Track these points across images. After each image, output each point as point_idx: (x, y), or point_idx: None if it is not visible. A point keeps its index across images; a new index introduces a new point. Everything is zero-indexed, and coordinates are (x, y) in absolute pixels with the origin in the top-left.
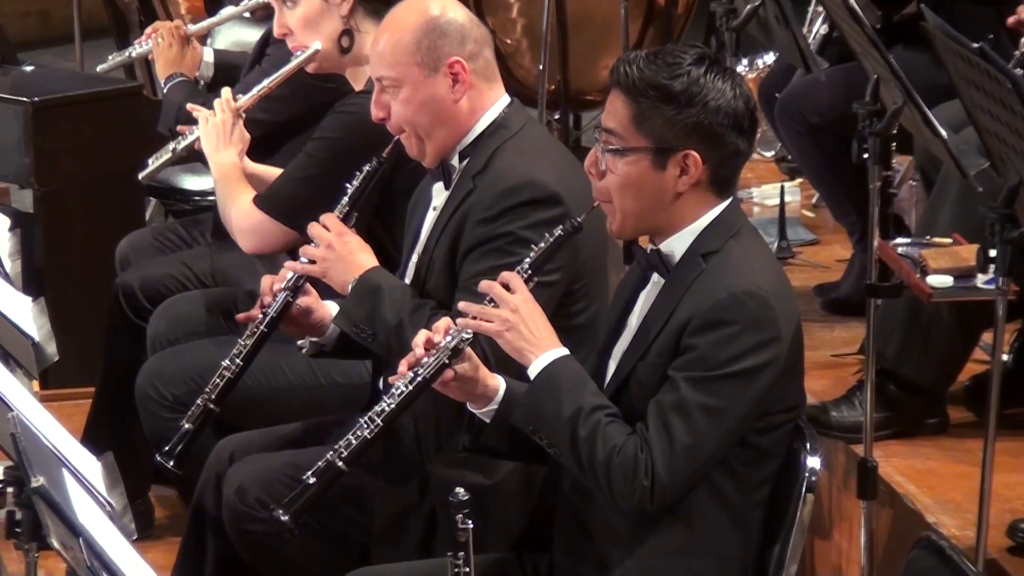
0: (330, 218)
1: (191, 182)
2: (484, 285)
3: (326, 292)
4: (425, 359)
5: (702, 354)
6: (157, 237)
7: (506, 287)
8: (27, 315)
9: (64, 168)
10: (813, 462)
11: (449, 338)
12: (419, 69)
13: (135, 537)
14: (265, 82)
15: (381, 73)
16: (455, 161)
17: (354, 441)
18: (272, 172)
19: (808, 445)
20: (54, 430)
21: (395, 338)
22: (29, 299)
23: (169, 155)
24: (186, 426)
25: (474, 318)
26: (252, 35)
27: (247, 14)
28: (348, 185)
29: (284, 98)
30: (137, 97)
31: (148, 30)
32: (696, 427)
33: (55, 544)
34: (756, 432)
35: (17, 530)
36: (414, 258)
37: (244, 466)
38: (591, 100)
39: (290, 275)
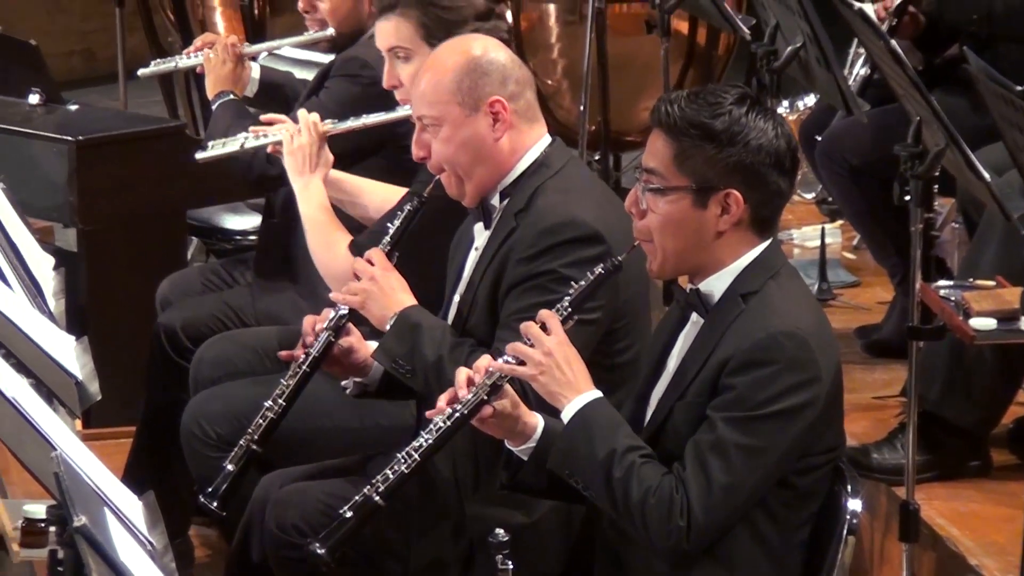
0: (375, 253)
1: (232, 222)
2: (522, 327)
3: (370, 333)
4: (464, 395)
5: (740, 394)
6: (199, 277)
7: (543, 327)
8: (70, 354)
9: (107, 207)
10: (854, 504)
11: (488, 375)
12: (460, 108)
13: None
14: (362, 119)
15: (422, 112)
16: (496, 201)
17: (391, 476)
18: (357, 183)
19: (849, 487)
20: (96, 469)
21: (434, 375)
22: (72, 338)
23: (236, 149)
24: (229, 467)
25: (509, 361)
26: (296, 75)
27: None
28: (389, 224)
29: (352, 145)
30: (180, 137)
31: (198, 42)
32: (734, 467)
33: None
34: (796, 473)
35: (59, 569)
36: (456, 298)
37: (287, 496)
38: (631, 141)
39: (332, 314)
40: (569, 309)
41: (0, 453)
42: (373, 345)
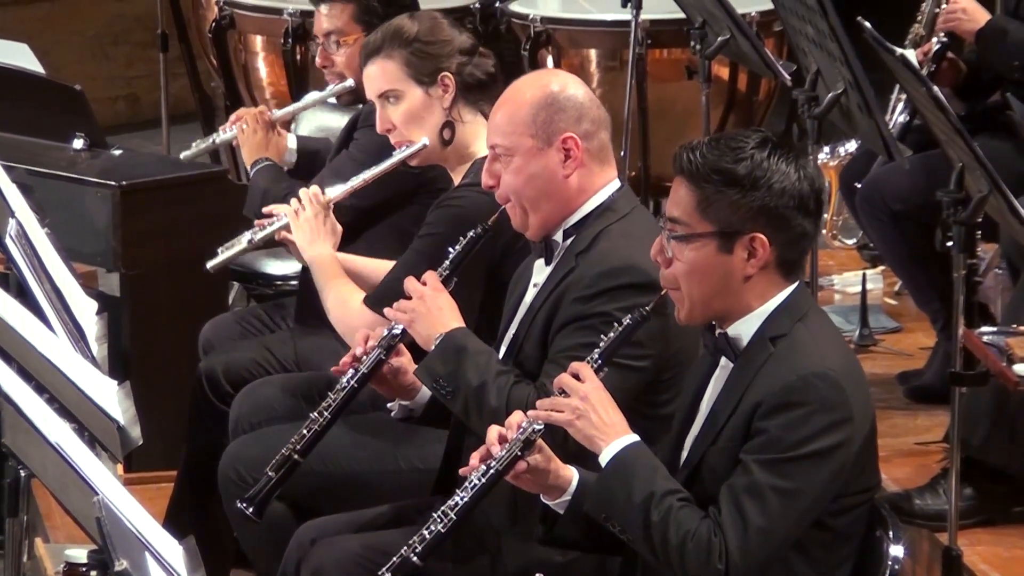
0: (430, 275)
1: (273, 267)
2: (556, 381)
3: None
4: (498, 451)
5: (773, 437)
6: (240, 321)
7: (576, 377)
8: (113, 399)
9: (150, 252)
10: (896, 550)
11: (521, 430)
12: (533, 140)
13: None
14: (361, 176)
15: (495, 141)
16: (559, 238)
17: (428, 536)
18: (363, 263)
19: (892, 533)
20: (138, 514)
21: (474, 400)
22: (115, 383)
23: (243, 246)
24: (269, 473)
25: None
26: (335, 120)
27: (332, 99)
28: (451, 249)
29: (372, 189)
30: (222, 182)
31: (232, 117)
32: (770, 510)
33: None
34: (831, 514)
35: None
36: (511, 331)
37: (323, 548)
38: (669, 186)
39: (385, 332)
40: (599, 361)
41: (43, 498)
42: None
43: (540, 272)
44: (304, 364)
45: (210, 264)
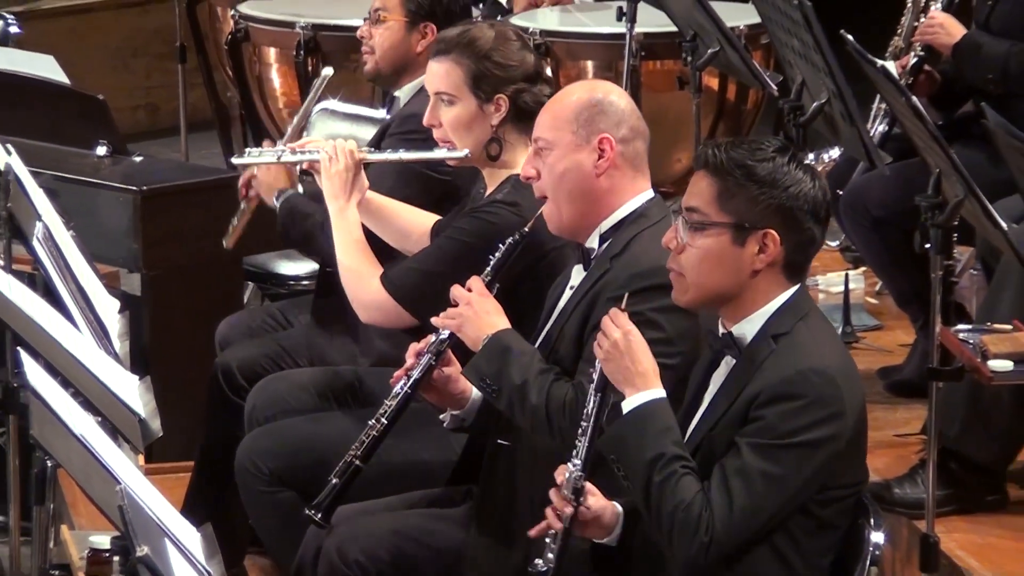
0: (475, 280)
1: (286, 267)
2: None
3: None
4: (560, 506)
5: (768, 424)
6: (254, 319)
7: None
8: (134, 393)
9: (169, 253)
10: (877, 537)
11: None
12: (572, 136)
13: None
14: (399, 154)
15: (539, 134)
16: (595, 243)
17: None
18: (391, 206)
19: (872, 520)
20: (158, 502)
21: (518, 397)
22: (136, 378)
23: (273, 160)
24: (334, 480)
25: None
26: (344, 128)
27: (342, 108)
28: (491, 257)
29: (400, 181)
30: (237, 187)
31: (307, 143)
32: (755, 491)
33: None
34: (818, 504)
35: None
36: (544, 331)
37: (347, 528)
38: (665, 192)
39: (433, 338)
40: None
41: (68, 487)
42: None
43: (577, 276)
44: (317, 360)
45: (235, 160)
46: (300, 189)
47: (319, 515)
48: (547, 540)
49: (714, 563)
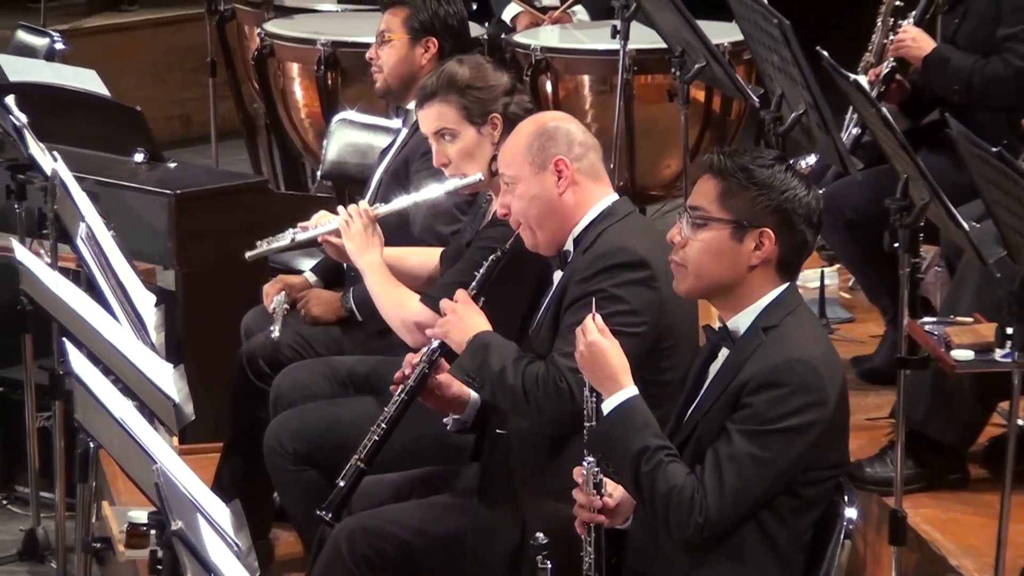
0: (460, 292)
1: (307, 264)
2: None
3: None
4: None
5: (756, 410)
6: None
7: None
8: (169, 380)
9: (201, 252)
10: (850, 512)
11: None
12: (531, 167)
13: (259, 574)
14: (411, 197)
15: (502, 171)
16: (570, 247)
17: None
18: (410, 253)
19: (846, 497)
20: (190, 480)
21: (498, 382)
22: (171, 366)
23: (285, 243)
24: (340, 483)
25: None
26: (362, 137)
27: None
28: (476, 272)
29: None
30: (263, 191)
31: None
32: (745, 474)
33: None
34: (802, 484)
35: (159, 567)
36: (531, 330)
37: (358, 521)
38: (654, 195)
39: (425, 349)
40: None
41: (109, 466)
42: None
43: (557, 277)
44: (334, 349)
45: (248, 254)
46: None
47: (329, 515)
48: (584, 536)
49: (707, 541)
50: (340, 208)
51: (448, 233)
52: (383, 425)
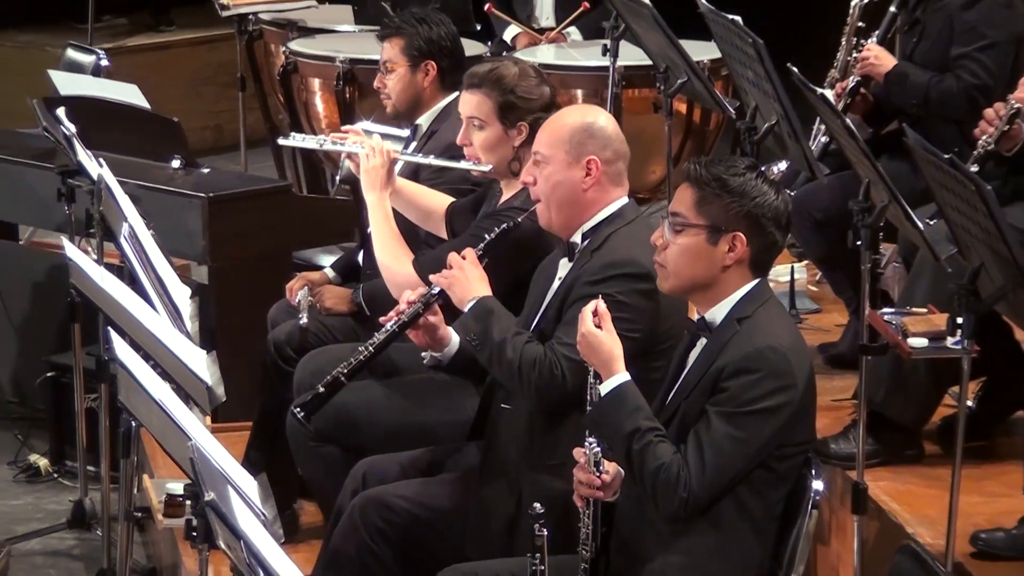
0: (469, 251)
1: (327, 260)
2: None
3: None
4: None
5: (732, 394)
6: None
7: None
8: (202, 365)
9: (231, 249)
10: (817, 485)
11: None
12: (565, 155)
13: (283, 541)
14: (429, 159)
15: (538, 148)
16: (578, 240)
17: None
18: (418, 189)
19: (814, 471)
20: (222, 455)
21: (496, 351)
22: (204, 352)
23: (315, 146)
24: (320, 389)
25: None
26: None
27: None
28: (487, 235)
29: (432, 183)
30: (287, 194)
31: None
32: (723, 452)
33: (222, 545)
34: (775, 460)
35: (193, 534)
36: (535, 320)
37: (370, 495)
38: (641, 198)
39: (426, 291)
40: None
41: (149, 442)
42: (453, 329)
43: (563, 268)
44: (353, 337)
45: (281, 141)
46: (344, 166)
47: (302, 414)
48: (583, 509)
49: (691, 514)
50: (366, 138)
51: (457, 188)
52: (370, 348)
